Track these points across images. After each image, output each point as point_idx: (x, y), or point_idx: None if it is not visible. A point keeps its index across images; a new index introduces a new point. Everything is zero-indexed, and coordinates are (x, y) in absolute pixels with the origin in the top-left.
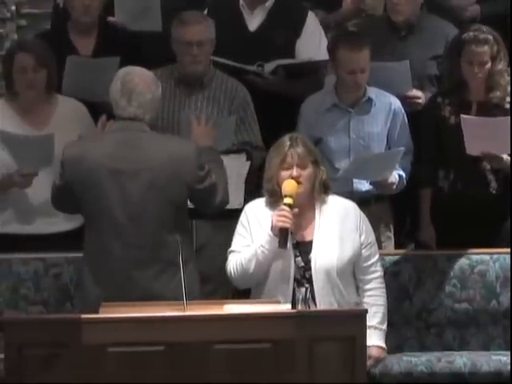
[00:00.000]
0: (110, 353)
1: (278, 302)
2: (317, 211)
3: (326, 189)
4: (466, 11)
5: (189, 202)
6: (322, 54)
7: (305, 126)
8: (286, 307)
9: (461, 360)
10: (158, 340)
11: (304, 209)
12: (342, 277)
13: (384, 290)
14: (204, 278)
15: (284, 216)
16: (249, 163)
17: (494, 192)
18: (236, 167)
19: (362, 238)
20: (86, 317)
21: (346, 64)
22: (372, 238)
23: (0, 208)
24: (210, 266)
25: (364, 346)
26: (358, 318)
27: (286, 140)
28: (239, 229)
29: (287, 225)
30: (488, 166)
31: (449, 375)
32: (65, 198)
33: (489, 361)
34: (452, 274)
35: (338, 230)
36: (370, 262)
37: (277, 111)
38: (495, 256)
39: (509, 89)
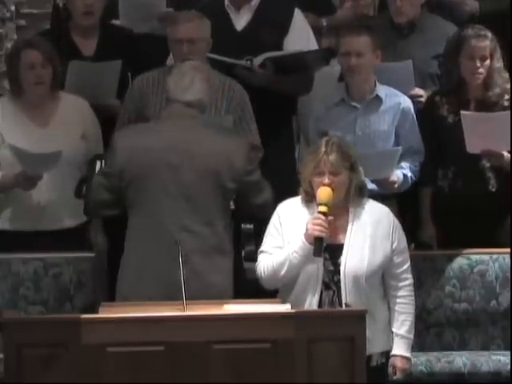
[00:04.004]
0: (110, 353)
1: (278, 302)
2: (350, 215)
3: (361, 192)
4: (465, 6)
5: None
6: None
7: (313, 118)
8: (285, 307)
9: (460, 360)
10: (157, 340)
11: (337, 212)
12: (369, 283)
13: (413, 298)
14: None
15: (319, 225)
16: None
17: (493, 190)
18: None
19: (394, 245)
20: (86, 317)
21: (343, 47)
22: (404, 244)
23: (4, 205)
24: None
25: (363, 347)
26: (358, 318)
27: (321, 145)
28: (271, 229)
29: (323, 234)
30: (487, 164)
31: (448, 375)
32: (107, 188)
33: (488, 361)
34: (451, 274)
35: (370, 236)
36: (401, 269)
37: (267, 108)
38: (495, 256)
39: (507, 86)
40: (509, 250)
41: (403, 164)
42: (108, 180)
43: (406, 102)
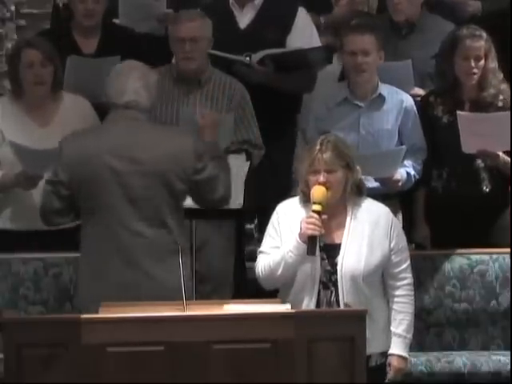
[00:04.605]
0: (110, 353)
1: (278, 302)
2: (348, 214)
3: (359, 191)
4: (467, 6)
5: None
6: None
7: (314, 118)
8: (285, 307)
9: (460, 360)
10: (157, 340)
11: (335, 211)
12: (368, 283)
13: (412, 298)
14: (203, 278)
15: (313, 224)
16: (248, 163)
17: (486, 190)
18: (236, 167)
19: (392, 244)
20: (86, 317)
21: (348, 46)
22: (403, 244)
23: (4, 205)
24: (210, 266)
25: (363, 347)
26: (358, 318)
27: (317, 143)
28: (269, 229)
29: (316, 233)
30: (481, 165)
31: (448, 375)
32: (58, 196)
33: (488, 361)
34: (451, 274)
35: (368, 236)
36: (399, 269)
37: (270, 106)
38: (495, 256)
39: (501, 87)
40: (509, 249)
41: (406, 162)
42: (56, 188)
43: (408, 100)
